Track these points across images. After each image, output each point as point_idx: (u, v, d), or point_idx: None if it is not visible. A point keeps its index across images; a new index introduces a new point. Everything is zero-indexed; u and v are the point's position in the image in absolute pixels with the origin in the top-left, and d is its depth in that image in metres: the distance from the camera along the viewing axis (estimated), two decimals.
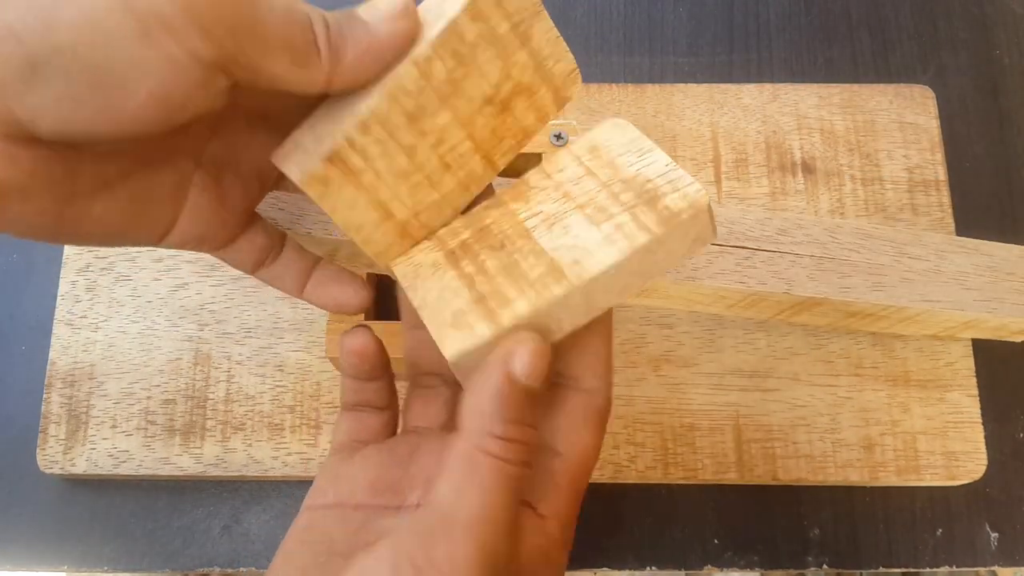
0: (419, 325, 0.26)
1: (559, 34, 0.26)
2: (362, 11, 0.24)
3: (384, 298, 0.44)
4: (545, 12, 0.26)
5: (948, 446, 0.43)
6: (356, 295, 0.29)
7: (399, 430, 0.30)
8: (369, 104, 0.24)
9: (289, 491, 0.43)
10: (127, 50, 0.20)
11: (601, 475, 0.42)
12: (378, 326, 0.38)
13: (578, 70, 0.27)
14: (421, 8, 0.25)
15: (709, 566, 0.43)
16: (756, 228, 0.39)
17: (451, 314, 0.25)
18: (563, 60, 0.27)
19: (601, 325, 0.26)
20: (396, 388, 0.30)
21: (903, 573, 0.45)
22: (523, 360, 0.23)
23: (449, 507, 0.22)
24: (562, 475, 0.25)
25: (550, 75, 0.26)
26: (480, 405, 0.23)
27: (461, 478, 0.23)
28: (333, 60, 0.23)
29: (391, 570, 0.22)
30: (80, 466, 0.42)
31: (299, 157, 0.25)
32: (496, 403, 0.23)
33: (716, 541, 0.43)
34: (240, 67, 0.22)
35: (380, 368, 0.29)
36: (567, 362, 0.26)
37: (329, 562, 0.24)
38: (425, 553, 0.22)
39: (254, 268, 0.29)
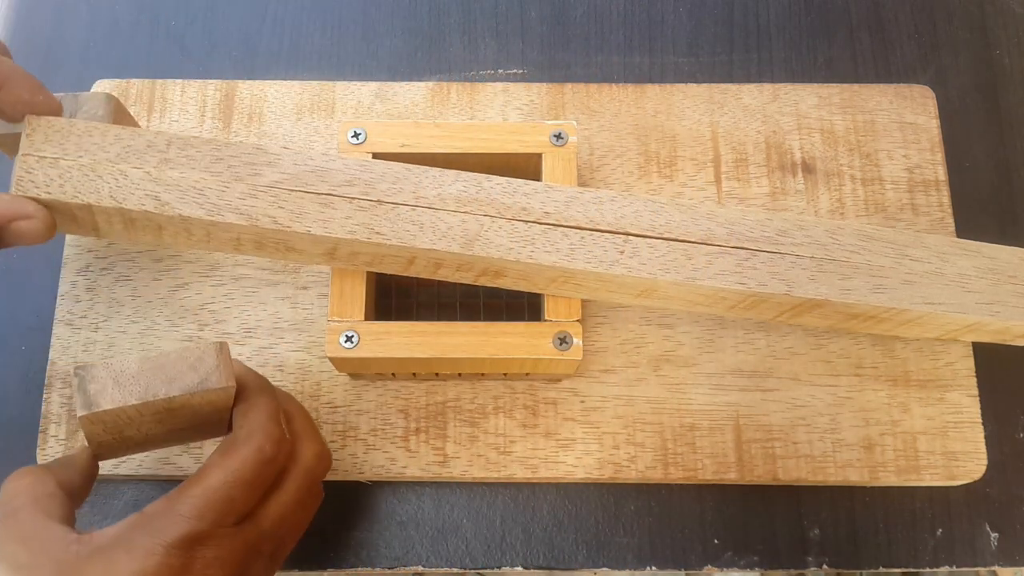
0: None
1: None
2: None
3: (384, 298, 0.44)
4: None
5: (948, 446, 0.43)
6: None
7: None
8: None
9: None
10: None
11: (601, 475, 0.42)
12: (378, 326, 0.38)
13: None
14: None
15: (709, 566, 0.43)
16: (756, 229, 0.39)
17: None
18: None
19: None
20: None
21: (903, 573, 0.45)
22: None
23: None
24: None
25: None
26: None
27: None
28: None
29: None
30: None
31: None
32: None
33: (716, 541, 0.43)
34: None
35: None
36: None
37: None
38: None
39: None
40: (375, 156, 0.41)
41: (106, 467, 0.42)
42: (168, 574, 0.30)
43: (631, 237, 0.38)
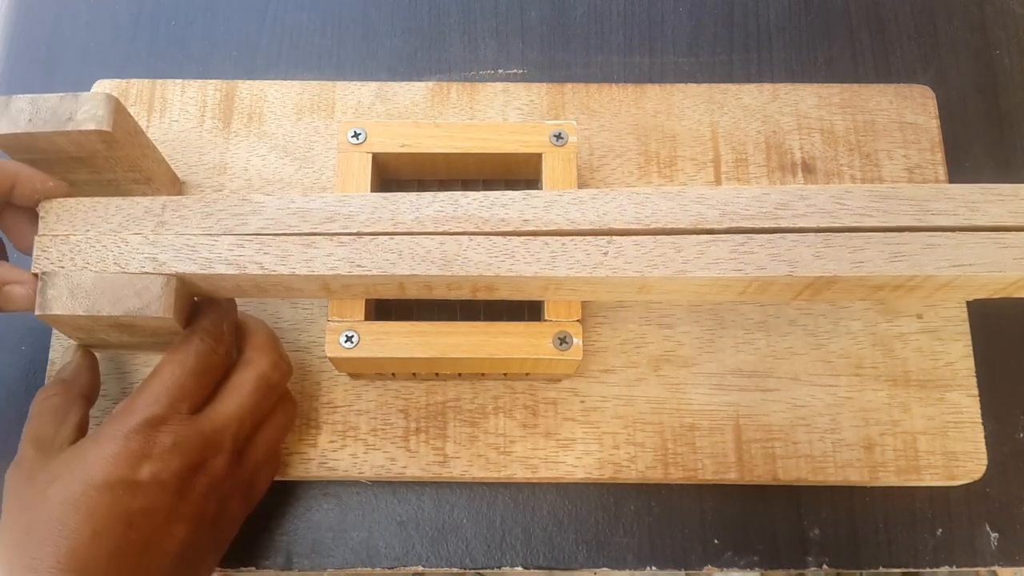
0: None
1: None
2: None
3: (384, 300, 0.44)
4: None
5: (948, 446, 0.43)
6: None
7: None
8: None
9: (288, 491, 0.43)
10: None
11: (601, 475, 0.42)
12: (378, 326, 0.38)
13: None
14: None
15: (709, 566, 0.43)
16: (752, 206, 0.37)
17: None
18: None
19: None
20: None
21: (903, 573, 0.45)
22: None
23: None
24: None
25: None
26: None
27: None
28: None
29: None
30: None
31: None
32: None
33: (716, 541, 0.43)
34: None
35: None
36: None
37: None
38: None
39: None
40: (375, 156, 0.41)
41: None
42: (129, 456, 0.34)
43: (615, 236, 0.37)
